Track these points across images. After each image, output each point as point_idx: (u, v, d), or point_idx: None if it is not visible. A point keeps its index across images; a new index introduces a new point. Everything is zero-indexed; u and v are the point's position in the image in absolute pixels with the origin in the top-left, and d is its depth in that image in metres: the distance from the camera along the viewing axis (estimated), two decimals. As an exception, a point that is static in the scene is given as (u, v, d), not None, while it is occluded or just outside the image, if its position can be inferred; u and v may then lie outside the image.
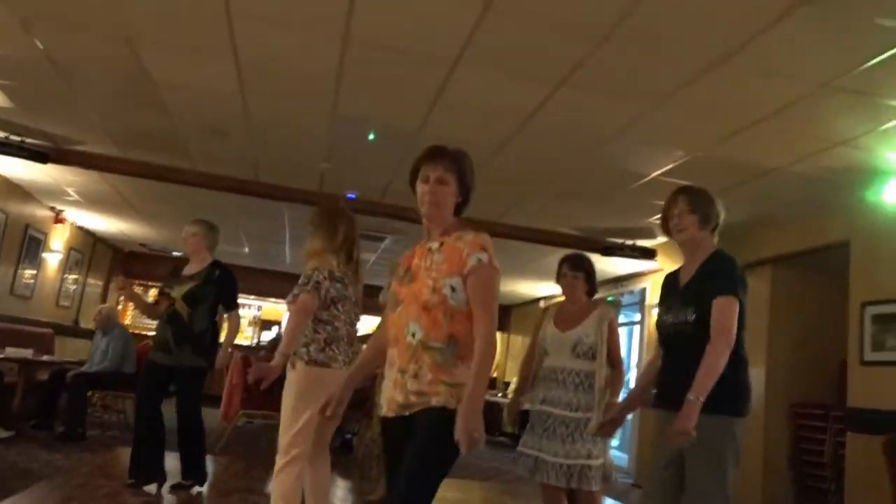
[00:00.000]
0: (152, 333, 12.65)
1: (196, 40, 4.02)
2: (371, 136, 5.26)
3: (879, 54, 3.30)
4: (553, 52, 3.66)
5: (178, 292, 4.61)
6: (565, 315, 3.82)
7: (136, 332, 11.22)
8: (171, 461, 4.56)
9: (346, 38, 3.77)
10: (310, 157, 5.99)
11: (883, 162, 4.60)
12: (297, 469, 3.14)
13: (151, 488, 4.43)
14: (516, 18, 3.37)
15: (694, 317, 2.70)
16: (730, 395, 2.61)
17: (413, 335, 2.17)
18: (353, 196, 7.02)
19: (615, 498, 6.62)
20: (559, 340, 3.72)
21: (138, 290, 13.70)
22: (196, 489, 4.57)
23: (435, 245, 2.30)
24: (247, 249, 11.12)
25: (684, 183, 5.52)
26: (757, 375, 6.38)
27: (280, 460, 3.14)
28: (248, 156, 6.16)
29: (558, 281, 3.93)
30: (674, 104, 4.12)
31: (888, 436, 4.21)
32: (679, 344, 2.76)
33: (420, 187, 2.32)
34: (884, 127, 4.08)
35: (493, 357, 2.15)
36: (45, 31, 4.09)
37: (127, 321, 12.55)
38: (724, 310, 2.62)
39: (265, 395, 7.10)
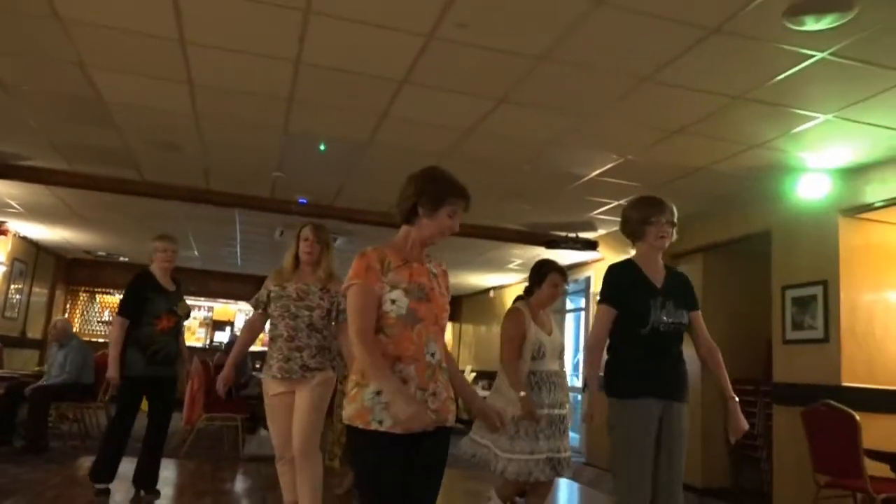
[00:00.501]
0: (102, 341, 12.59)
1: (149, 67, 4.14)
2: (322, 147, 5.45)
3: (784, 72, 3.68)
4: (492, 73, 3.94)
5: (181, 308, 4.86)
6: (541, 319, 4.01)
7: (85, 339, 11.11)
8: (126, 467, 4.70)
9: (298, 62, 3.96)
10: (262, 167, 6.14)
11: (796, 160, 5.04)
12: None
13: (122, 495, 4.56)
14: (457, 46, 3.63)
15: (686, 320, 3.14)
16: None
17: (433, 355, 2.30)
18: (304, 201, 7.18)
19: (569, 478, 7.02)
20: (550, 345, 3.95)
21: (83, 295, 13.57)
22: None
23: (434, 270, 2.47)
24: (196, 252, 11.12)
25: (621, 182, 5.98)
26: (694, 357, 6.89)
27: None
28: (200, 166, 6.26)
29: (547, 288, 4.00)
30: (606, 116, 4.46)
31: (806, 407, 4.66)
32: (675, 341, 3.12)
33: (446, 220, 2.38)
34: (794, 131, 4.50)
35: None
36: (-4, 58, 4.15)
37: (75, 328, 12.37)
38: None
39: (226, 399, 7.29)
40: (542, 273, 4.05)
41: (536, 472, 3.74)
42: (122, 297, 4.88)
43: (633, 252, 3.30)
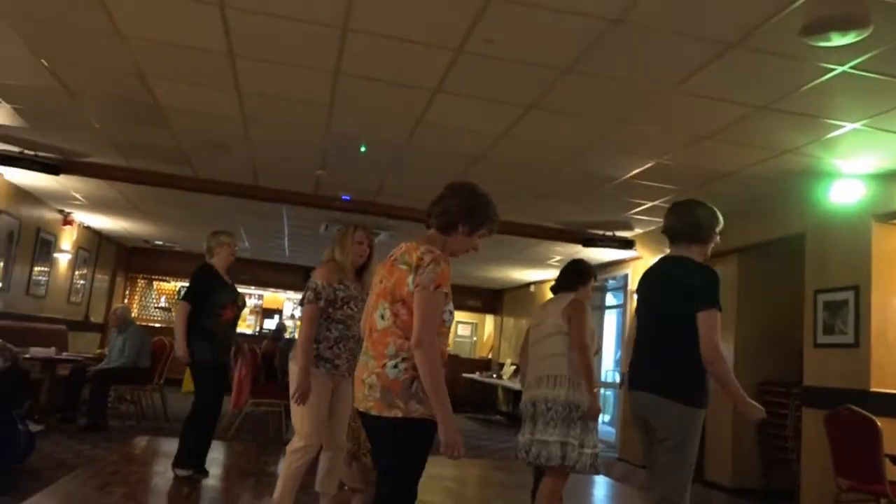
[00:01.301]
0: (159, 325, 13.18)
1: (201, 76, 4.45)
2: (362, 149, 5.70)
3: (806, 84, 3.75)
4: (521, 83, 4.11)
5: (241, 300, 5.18)
6: None
7: (142, 324, 11.71)
8: (170, 446, 5.00)
9: (337, 73, 4.21)
10: (306, 165, 6.43)
11: (829, 166, 5.06)
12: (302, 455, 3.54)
13: (175, 473, 4.90)
14: (484, 59, 3.81)
15: None
16: None
17: None
18: (347, 198, 7.47)
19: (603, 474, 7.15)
20: None
21: (141, 282, 14.21)
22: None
23: None
24: (247, 244, 11.57)
25: (656, 184, 6.06)
26: (727, 355, 6.90)
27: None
28: (248, 164, 6.60)
29: (590, 290, 4.13)
30: (635, 123, 4.59)
31: (829, 411, 4.71)
32: None
33: (477, 241, 2.53)
34: (824, 138, 4.53)
35: None
36: (64, 69, 4.52)
37: (133, 313, 13.00)
38: None
39: (271, 386, 7.66)
40: (588, 273, 4.14)
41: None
42: (188, 286, 5.08)
43: (676, 252, 3.07)
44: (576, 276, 4.12)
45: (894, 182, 5.07)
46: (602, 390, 11.05)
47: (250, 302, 14.67)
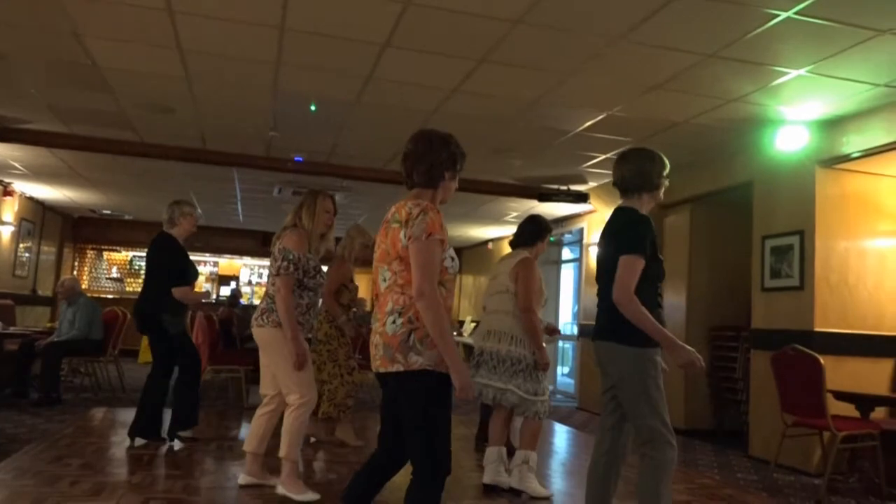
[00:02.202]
0: (111, 297, 12.89)
1: (140, 34, 4.27)
2: (312, 108, 5.59)
3: (753, 31, 3.79)
4: (472, 34, 4.05)
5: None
6: None
7: (94, 296, 11.43)
8: (128, 415, 5.07)
9: (283, 28, 4.08)
10: (256, 127, 6.28)
11: (774, 113, 5.15)
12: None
13: (128, 442, 4.87)
14: (435, 10, 3.74)
15: None
16: None
17: None
18: (300, 159, 7.34)
19: (560, 421, 7.34)
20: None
21: (90, 252, 13.83)
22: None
23: None
24: (199, 210, 11.30)
25: (609, 137, 6.11)
26: (679, 303, 7.14)
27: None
28: (195, 127, 6.41)
29: (544, 244, 4.26)
30: (586, 74, 4.58)
31: (775, 352, 4.88)
32: None
33: (456, 183, 2.53)
34: (769, 85, 4.61)
35: None
36: (-9, 28, 4.29)
37: (84, 285, 12.68)
38: None
39: (230, 352, 7.59)
40: (544, 229, 4.24)
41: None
42: (178, 262, 4.90)
43: (626, 203, 3.01)
44: (532, 232, 4.24)
45: (837, 128, 5.20)
46: (561, 343, 11.27)
47: (206, 269, 14.44)
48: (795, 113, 5.11)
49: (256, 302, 14.20)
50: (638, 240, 2.76)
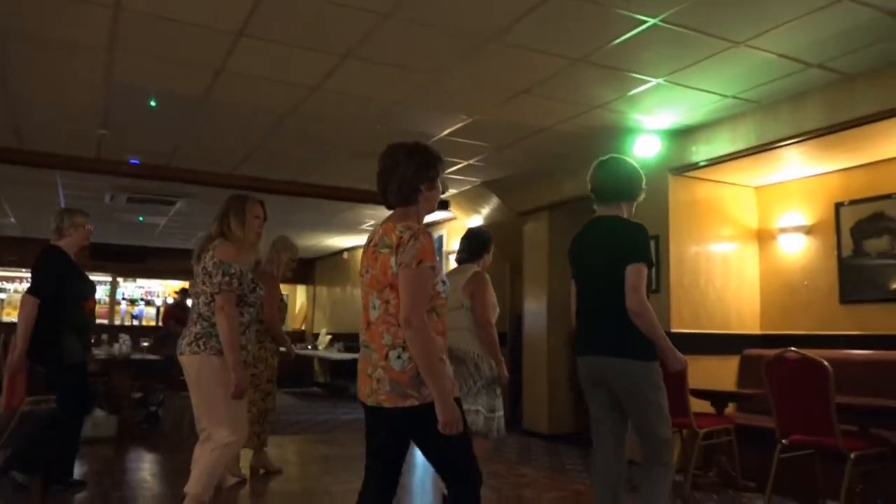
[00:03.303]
0: None
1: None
2: (152, 104, 5.01)
3: (620, 36, 3.82)
4: (337, 26, 3.76)
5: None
6: None
7: None
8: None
9: (118, 8, 3.56)
10: (84, 124, 5.54)
11: (632, 122, 5.30)
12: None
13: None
14: (298, -4, 3.42)
15: None
16: None
17: None
18: (136, 161, 6.62)
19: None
20: None
21: None
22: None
23: None
24: (13, 219, 10.00)
25: (471, 142, 6.03)
26: (539, 309, 7.21)
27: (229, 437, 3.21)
28: (8, 124, 5.56)
29: (490, 257, 4.14)
30: (453, 76, 4.43)
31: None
32: None
33: (438, 192, 2.44)
34: (630, 93, 4.71)
35: None
36: None
37: None
38: None
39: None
40: (488, 240, 4.17)
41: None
42: (37, 274, 4.28)
43: (607, 211, 3.07)
44: (478, 245, 4.14)
45: (687, 137, 5.45)
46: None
47: (23, 286, 12.83)
48: (651, 122, 5.29)
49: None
50: (646, 249, 2.84)
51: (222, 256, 3.22)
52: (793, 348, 3.91)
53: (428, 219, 8.60)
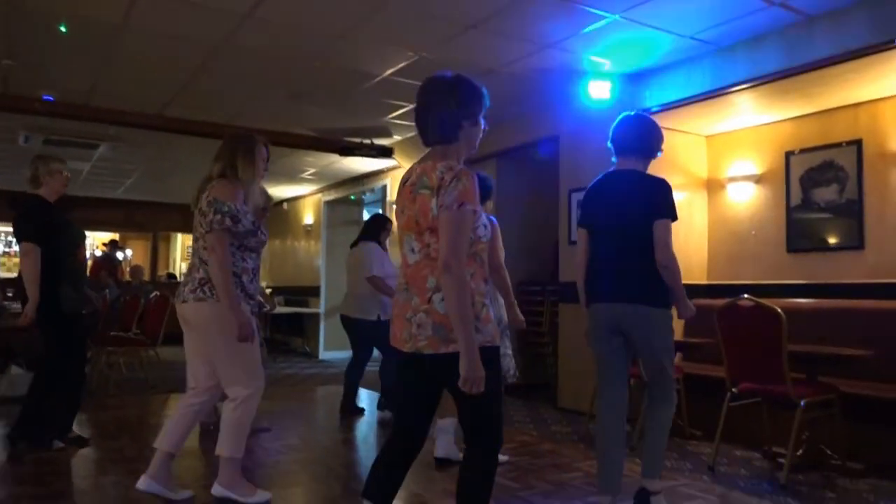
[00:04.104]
0: None
1: None
2: (62, 28, 4.50)
3: (579, -37, 3.55)
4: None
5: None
6: None
7: None
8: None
9: None
10: (-15, 53, 4.99)
11: (586, 63, 5.07)
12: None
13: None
14: None
15: None
16: None
17: None
18: (49, 98, 6.06)
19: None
20: None
21: None
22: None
23: None
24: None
25: (416, 83, 5.69)
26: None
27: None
28: None
29: (491, 205, 4.36)
30: (400, 5, 4.09)
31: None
32: None
33: (480, 126, 2.26)
34: (585, 30, 4.47)
35: None
36: None
37: None
38: None
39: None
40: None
41: None
42: (27, 223, 4.02)
43: (627, 165, 3.16)
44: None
45: (640, 81, 5.26)
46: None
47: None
48: (605, 64, 5.07)
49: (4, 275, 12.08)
50: (672, 205, 2.98)
51: (217, 195, 3.04)
52: (746, 295, 3.83)
53: (371, 167, 8.38)
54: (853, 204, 4.87)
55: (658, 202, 2.97)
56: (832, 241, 4.99)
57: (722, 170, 5.77)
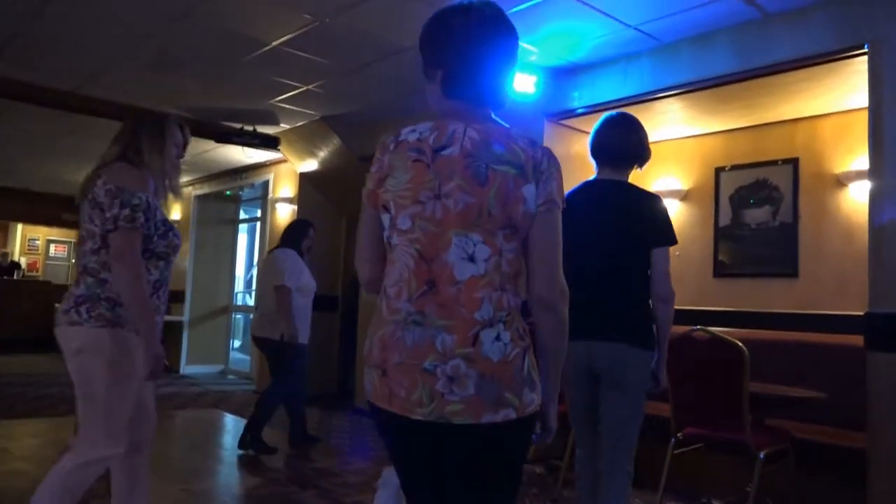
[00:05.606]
0: None
1: None
2: None
3: None
4: None
5: None
6: None
7: None
8: None
9: None
10: None
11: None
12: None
13: None
14: None
15: None
16: None
17: None
18: None
19: (237, 413, 5.95)
20: None
21: None
22: None
23: None
24: None
25: (311, 57, 4.86)
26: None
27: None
28: None
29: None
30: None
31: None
32: None
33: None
34: (515, 8, 3.81)
35: None
36: None
37: None
38: None
39: None
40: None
41: None
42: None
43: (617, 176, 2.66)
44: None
45: (569, 77, 4.71)
46: (235, 314, 9.77)
47: None
48: (532, 53, 4.45)
49: None
50: (671, 227, 2.58)
51: (120, 182, 2.26)
52: (700, 327, 3.28)
53: (252, 159, 7.37)
54: (787, 227, 4.52)
55: (659, 227, 2.55)
56: (763, 266, 4.62)
57: (646, 184, 5.18)
